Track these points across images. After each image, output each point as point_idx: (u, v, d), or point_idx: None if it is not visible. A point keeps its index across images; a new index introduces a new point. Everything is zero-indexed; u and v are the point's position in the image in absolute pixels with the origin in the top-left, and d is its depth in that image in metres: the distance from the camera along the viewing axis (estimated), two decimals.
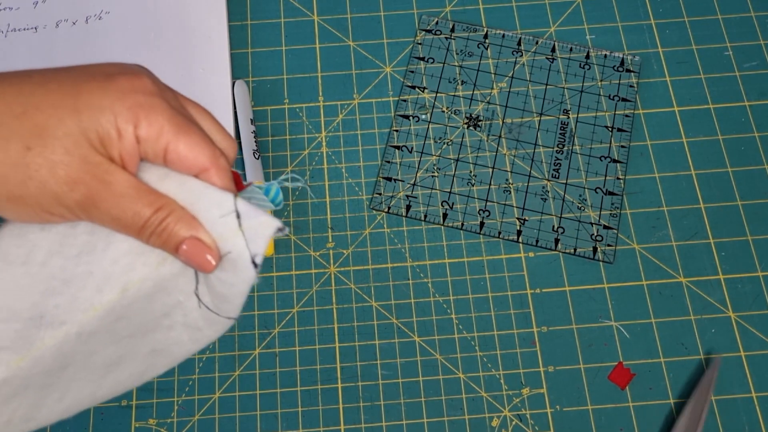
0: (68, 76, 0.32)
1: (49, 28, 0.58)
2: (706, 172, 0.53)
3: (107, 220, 0.31)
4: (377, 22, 0.59)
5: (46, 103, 0.31)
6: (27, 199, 0.30)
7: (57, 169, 0.30)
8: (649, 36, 0.58)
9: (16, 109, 0.30)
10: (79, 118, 0.31)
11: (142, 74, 0.33)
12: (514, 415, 0.47)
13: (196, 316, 0.35)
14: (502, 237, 0.51)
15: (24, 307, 0.32)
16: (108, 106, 0.31)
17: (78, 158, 0.30)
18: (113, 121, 0.31)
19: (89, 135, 0.31)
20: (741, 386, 0.48)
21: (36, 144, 0.30)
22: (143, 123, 0.31)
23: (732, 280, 0.50)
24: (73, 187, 0.30)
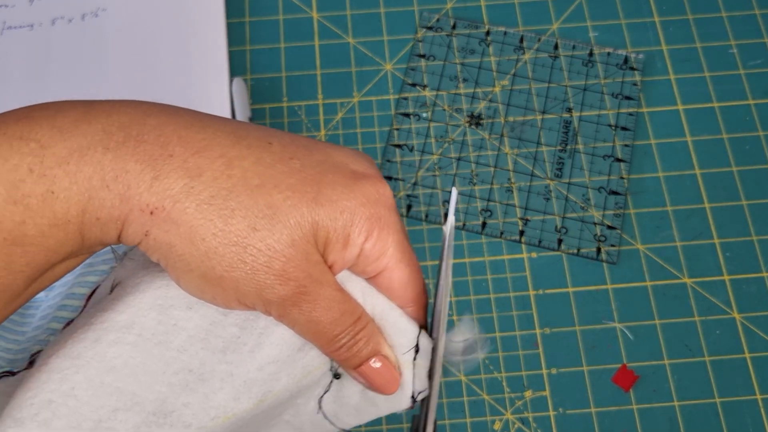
0: (311, 158, 0.28)
1: (45, 25, 0.57)
2: (710, 171, 0.53)
3: (302, 322, 0.28)
4: (377, 19, 0.58)
5: (285, 184, 0.27)
6: (227, 282, 0.26)
7: (275, 260, 0.26)
8: (652, 34, 0.57)
9: (252, 180, 0.26)
10: (316, 212, 0.27)
11: (385, 182, 0.29)
12: (517, 418, 0.46)
13: (305, 419, 0.32)
14: (504, 237, 0.51)
15: (149, 397, 0.27)
16: (349, 209, 0.27)
17: (300, 254, 0.27)
18: (348, 226, 0.28)
19: (319, 232, 0.27)
20: (746, 388, 0.47)
21: (263, 226, 0.26)
22: (373, 239, 0.28)
23: (737, 281, 0.50)
24: (284, 283, 0.27)
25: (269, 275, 0.26)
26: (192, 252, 0.26)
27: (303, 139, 0.30)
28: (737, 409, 0.47)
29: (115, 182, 0.26)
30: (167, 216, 0.26)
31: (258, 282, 0.26)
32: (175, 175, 0.26)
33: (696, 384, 0.47)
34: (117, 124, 0.26)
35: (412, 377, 0.30)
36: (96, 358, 0.27)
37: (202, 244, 0.26)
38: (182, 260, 0.26)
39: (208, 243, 0.26)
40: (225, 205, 0.26)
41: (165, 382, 0.28)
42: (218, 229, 0.26)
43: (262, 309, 0.28)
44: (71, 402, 0.27)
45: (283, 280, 0.27)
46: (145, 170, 0.26)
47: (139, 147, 0.26)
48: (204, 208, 0.26)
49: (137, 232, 0.26)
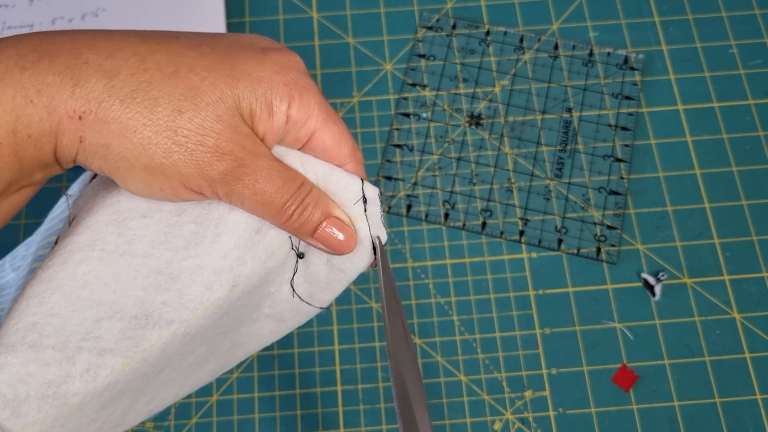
0: (220, 43, 0.30)
1: (45, 25, 0.57)
2: (710, 171, 0.53)
3: (248, 195, 0.29)
4: (377, 19, 0.58)
5: (200, 66, 0.28)
6: (168, 168, 0.28)
7: (206, 137, 0.27)
8: (652, 33, 0.57)
9: (167, 69, 0.28)
10: (234, 86, 0.28)
11: (293, 52, 0.31)
12: (517, 418, 0.46)
13: (284, 307, 0.33)
14: (504, 237, 0.51)
15: (127, 303, 0.29)
16: (265, 79, 0.29)
17: (229, 127, 0.28)
18: (269, 95, 0.29)
19: (242, 104, 0.28)
20: (746, 388, 0.47)
21: (187, 107, 0.27)
22: (296, 103, 0.29)
23: (737, 281, 0.50)
24: (220, 158, 0.28)
25: (205, 152, 0.28)
26: (128, 146, 0.27)
27: (209, 33, 0.31)
28: (737, 409, 0.47)
29: (39, 96, 0.27)
30: (96, 117, 0.27)
31: (196, 161, 0.28)
32: (94, 79, 0.27)
33: (696, 384, 0.47)
34: (29, 46, 0.28)
35: (368, 228, 0.31)
36: (68, 277, 0.29)
37: (135, 136, 0.27)
38: (121, 158, 0.27)
39: (141, 134, 0.27)
40: (147, 96, 0.27)
41: (139, 287, 0.29)
42: (147, 119, 0.27)
43: (209, 191, 0.29)
44: (55, 321, 0.28)
45: (219, 155, 0.28)
46: (64, 80, 0.27)
47: (54, 61, 0.27)
48: (128, 102, 0.27)
49: (71, 141, 0.27)
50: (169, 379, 0.31)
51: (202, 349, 0.32)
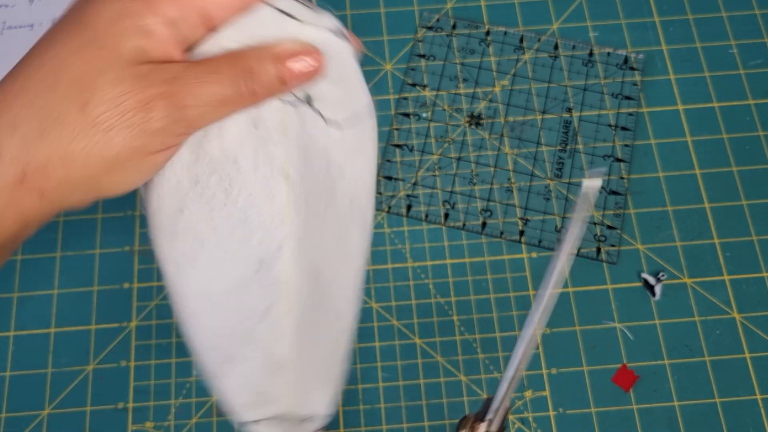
0: (71, 17, 0.29)
1: (45, 25, 0.57)
2: (710, 171, 0.53)
3: (203, 112, 0.28)
4: (377, 19, 0.58)
5: (67, 52, 0.28)
6: (122, 153, 0.27)
7: (121, 104, 0.27)
8: (652, 33, 0.57)
9: (48, 80, 0.28)
10: (103, 47, 0.27)
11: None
12: (517, 418, 0.46)
13: (337, 137, 0.31)
14: (504, 237, 0.51)
15: (245, 270, 0.30)
16: (120, 11, 0.27)
17: (130, 80, 0.27)
18: (134, 26, 0.27)
19: (124, 55, 0.27)
20: (746, 388, 0.47)
21: (87, 97, 0.27)
22: (168, 6, 0.27)
23: (737, 281, 0.50)
24: (149, 107, 0.27)
25: (132, 116, 0.27)
26: (77, 165, 0.27)
27: (48, 31, 0.31)
28: (737, 409, 0.47)
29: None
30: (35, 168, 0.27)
31: (134, 128, 0.27)
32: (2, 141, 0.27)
33: (696, 384, 0.47)
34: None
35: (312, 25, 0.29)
36: None
37: (76, 156, 0.27)
38: (85, 176, 0.27)
39: (76, 150, 0.27)
40: (53, 119, 0.27)
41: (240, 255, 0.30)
42: (68, 135, 0.27)
43: (172, 139, 0.28)
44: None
45: (146, 107, 0.27)
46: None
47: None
48: (43, 137, 0.27)
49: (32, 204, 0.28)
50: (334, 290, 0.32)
51: (329, 237, 0.31)
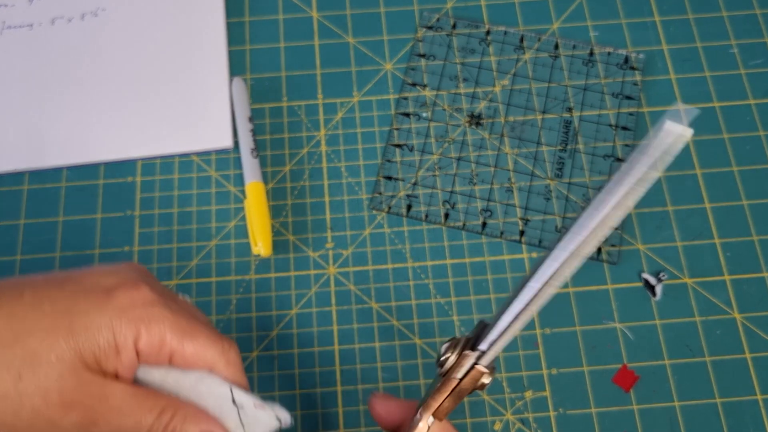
0: (62, 295, 0.31)
1: (44, 25, 0.57)
2: (711, 171, 0.53)
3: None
4: (377, 19, 0.58)
5: (39, 328, 0.30)
6: (21, 429, 0.29)
7: (50, 395, 0.29)
8: (653, 33, 0.57)
9: (6, 337, 0.29)
10: (75, 340, 0.30)
11: (140, 284, 0.32)
12: (517, 419, 0.46)
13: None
14: (504, 237, 0.51)
15: None
16: (106, 325, 0.30)
17: (71, 381, 0.29)
18: (111, 339, 0.30)
19: (84, 355, 0.30)
20: (746, 388, 0.47)
21: (27, 372, 0.29)
22: (143, 337, 0.31)
23: (737, 281, 0.50)
24: (69, 410, 0.29)
25: (52, 409, 0.29)
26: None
27: (59, 274, 0.32)
28: (738, 410, 0.46)
29: None
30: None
31: (47, 419, 0.29)
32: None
33: (696, 384, 0.47)
34: None
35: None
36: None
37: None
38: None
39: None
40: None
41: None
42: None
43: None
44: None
45: (67, 409, 0.29)
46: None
47: None
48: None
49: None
50: None
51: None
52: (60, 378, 0.29)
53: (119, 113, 0.54)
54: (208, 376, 0.32)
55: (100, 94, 0.55)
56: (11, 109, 0.54)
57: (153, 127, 0.54)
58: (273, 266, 0.50)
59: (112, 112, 0.54)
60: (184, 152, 0.53)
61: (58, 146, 0.53)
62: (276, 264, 0.50)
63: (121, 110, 0.54)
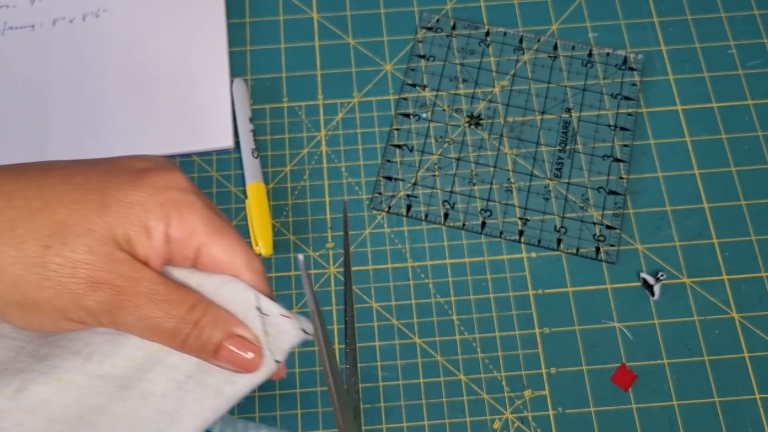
0: (94, 170, 0.29)
1: (46, 26, 0.57)
2: (709, 171, 0.53)
3: (133, 322, 0.28)
4: (377, 20, 0.58)
5: (69, 198, 0.28)
6: (42, 303, 0.27)
7: (78, 269, 0.27)
8: (651, 34, 0.57)
9: (34, 205, 0.28)
10: (105, 214, 0.28)
11: (174, 169, 0.30)
12: (516, 418, 0.47)
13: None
14: (503, 237, 0.51)
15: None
16: (139, 202, 0.28)
17: (102, 257, 0.28)
18: (143, 218, 0.28)
19: (115, 232, 0.28)
20: (745, 388, 0.47)
21: (55, 242, 0.27)
22: (175, 222, 0.29)
23: (736, 281, 0.50)
24: (96, 288, 0.27)
25: (78, 284, 0.27)
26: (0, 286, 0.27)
27: (89, 159, 0.31)
28: (736, 409, 0.47)
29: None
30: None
31: (70, 294, 0.27)
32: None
33: (695, 384, 0.47)
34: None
35: (267, 346, 0.30)
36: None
37: (4, 275, 0.27)
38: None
39: (9, 272, 0.27)
40: (14, 234, 0.27)
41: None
42: (13, 257, 0.27)
43: (92, 320, 0.28)
44: None
45: (95, 286, 0.28)
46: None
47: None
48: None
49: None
50: None
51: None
52: (90, 251, 0.27)
53: (120, 114, 0.54)
54: (232, 281, 0.30)
55: (101, 94, 0.55)
56: (12, 110, 0.54)
57: (154, 127, 0.54)
58: (273, 266, 0.50)
59: (113, 112, 0.54)
60: (185, 152, 0.53)
61: (60, 146, 0.53)
62: (276, 264, 0.51)
63: (122, 111, 0.54)
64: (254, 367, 0.30)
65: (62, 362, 0.29)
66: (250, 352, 0.30)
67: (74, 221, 0.28)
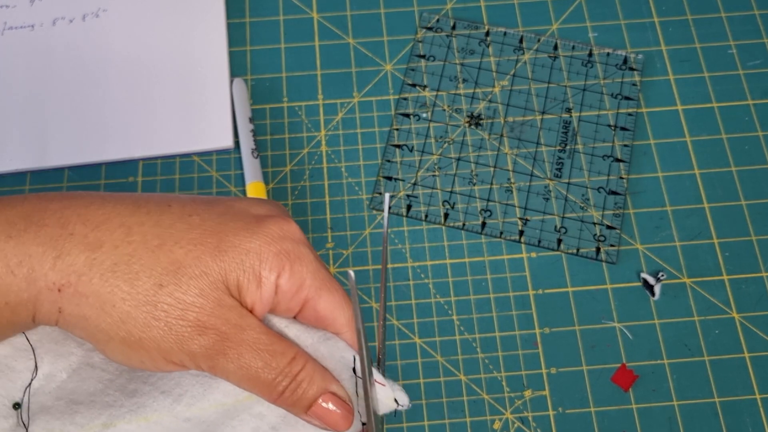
0: (211, 211, 0.29)
1: (45, 26, 0.57)
2: (709, 171, 0.53)
3: (232, 370, 0.28)
4: (377, 20, 0.58)
5: (186, 239, 0.28)
6: (147, 343, 0.27)
7: (188, 312, 0.27)
8: (652, 34, 0.57)
9: (152, 242, 0.28)
10: (221, 258, 0.28)
11: (289, 219, 0.30)
12: (516, 418, 0.46)
13: None
14: (503, 237, 0.51)
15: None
16: (254, 250, 0.28)
17: (212, 301, 0.27)
18: (257, 266, 0.28)
19: (228, 278, 0.28)
20: (745, 388, 0.47)
21: (169, 282, 0.27)
22: (286, 273, 0.29)
23: (736, 281, 0.50)
24: (202, 332, 0.27)
25: (185, 327, 0.27)
26: (106, 320, 0.27)
27: (205, 197, 0.31)
28: (736, 409, 0.47)
29: (19, 267, 0.27)
30: (75, 290, 0.27)
31: (177, 336, 0.27)
32: (77, 251, 0.27)
33: (695, 384, 0.47)
34: (20, 214, 0.28)
35: (357, 410, 0.30)
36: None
37: (114, 310, 0.27)
38: (100, 330, 0.27)
39: (119, 308, 0.27)
40: (129, 270, 0.27)
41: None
42: (126, 293, 0.27)
43: (191, 364, 0.28)
44: None
45: (201, 330, 0.27)
46: (47, 251, 0.27)
47: (40, 230, 0.27)
48: (108, 276, 0.27)
49: (51, 311, 0.27)
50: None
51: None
52: (201, 294, 0.27)
53: (120, 113, 0.54)
54: (332, 338, 0.30)
55: (101, 94, 0.55)
56: (13, 110, 0.54)
57: (154, 127, 0.54)
58: None
59: (113, 112, 0.54)
60: (185, 152, 0.53)
61: (60, 146, 0.53)
62: None
63: (123, 111, 0.54)
64: (344, 426, 0.29)
65: (151, 401, 0.29)
66: (342, 411, 0.29)
67: (189, 262, 0.28)
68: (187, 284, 0.27)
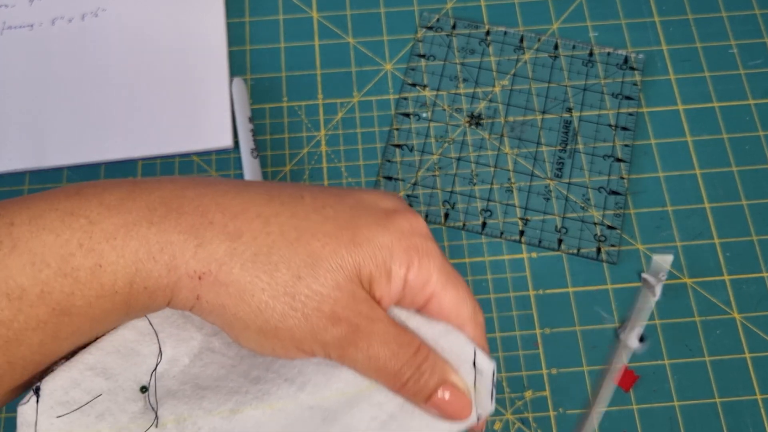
0: (342, 203, 0.30)
1: (44, 25, 0.57)
2: (710, 171, 0.53)
3: (361, 360, 0.29)
4: (377, 19, 0.58)
5: (322, 231, 0.29)
6: (282, 332, 0.28)
7: (323, 303, 0.28)
8: (652, 33, 0.57)
9: (290, 233, 0.28)
10: (355, 252, 0.28)
11: (417, 214, 0.31)
12: (517, 418, 0.46)
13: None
14: (504, 237, 0.51)
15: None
16: (386, 245, 0.29)
17: (346, 293, 0.28)
18: (388, 261, 0.29)
19: (362, 271, 0.28)
20: (746, 388, 0.47)
21: (307, 274, 0.28)
22: (414, 268, 0.30)
23: (737, 281, 0.50)
24: (336, 323, 0.28)
25: (321, 318, 0.28)
26: (245, 309, 0.27)
27: (333, 189, 0.31)
28: (737, 409, 0.47)
29: (161, 254, 0.27)
30: (215, 279, 0.27)
31: (312, 326, 0.28)
32: (218, 240, 0.27)
33: (696, 384, 0.47)
34: (159, 199, 0.28)
35: (474, 401, 0.31)
36: None
37: (253, 300, 0.27)
38: (237, 318, 0.28)
39: (258, 298, 0.27)
40: (268, 261, 0.28)
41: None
42: (265, 284, 0.27)
43: (321, 353, 0.29)
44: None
45: (335, 321, 0.28)
46: (188, 239, 0.27)
47: (180, 218, 0.28)
48: (249, 266, 0.27)
49: (188, 297, 0.28)
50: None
51: None
52: (336, 287, 0.28)
53: (120, 113, 0.54)
54: (453, 332, 0.31)
55: (100, 94, 0.55)
56: (12, 109, 0.54)
57: (153, 127, 0.54)
58: None
59: (112, 112, 0.54)
60: (184, 152, 0.53)
61: (59, 146, 0.53)
62: None
63: (122, 110, 0.54)
64: (462, 416, 0.30)
65: (275, 388, 0.30)
66: (459, 400, 0.30)
67: (326, 255, 0.28)
68: (324, 277, 0.28)
